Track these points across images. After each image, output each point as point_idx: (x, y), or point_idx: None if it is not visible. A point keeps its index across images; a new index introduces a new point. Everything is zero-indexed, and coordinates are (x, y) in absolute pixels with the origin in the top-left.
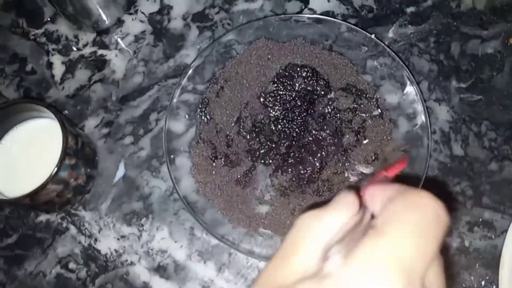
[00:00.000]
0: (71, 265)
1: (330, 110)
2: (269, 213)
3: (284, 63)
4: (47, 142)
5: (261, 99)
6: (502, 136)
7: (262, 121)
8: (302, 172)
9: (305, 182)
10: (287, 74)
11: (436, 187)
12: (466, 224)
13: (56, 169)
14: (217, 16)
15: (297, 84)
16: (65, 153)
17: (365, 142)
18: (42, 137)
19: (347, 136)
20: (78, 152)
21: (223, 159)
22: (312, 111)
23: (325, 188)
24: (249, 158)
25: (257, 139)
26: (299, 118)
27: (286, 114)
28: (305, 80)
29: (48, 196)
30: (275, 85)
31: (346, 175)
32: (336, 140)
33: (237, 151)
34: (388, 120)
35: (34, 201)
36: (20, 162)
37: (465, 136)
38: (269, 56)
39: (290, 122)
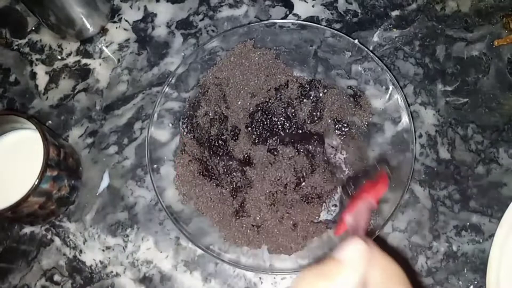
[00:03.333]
0: (56, 277)
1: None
2: (256, 222)
3: (268, 69)
4: (29, 154)
5: (246, 109)
6: (488, 139)
7: (247, 130)
8: (289, 179)
9: (292, 189)
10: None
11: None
12: (454, 229)
13: (37, 181)
14: (202, 23)
15: (281, 94)
16: (46, 165)
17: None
18: (24, 149)
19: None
20: (60, 163)
21: (206, 175)
22: (297, 119)
23: (314, 195)
24: (234, 171)
25: (242, 150)
26: (284, 126)
27: (271, 123)
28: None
29: (31, 209)
30: (260, 94)
31: (334, 180)
32: (322, 147)
33: (220, 165)
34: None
35: (16, 213)
36: (1, 174)
37: (451, 139)
38: (251, 61)
39: (275, 131)
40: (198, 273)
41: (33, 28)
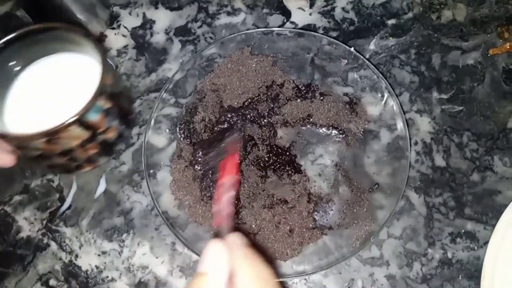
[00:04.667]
0: (52, 282)
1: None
2: (253, 230)
3: (265, 76)
4: (82, 82)
5: (243, 117)
6: (483, 147)
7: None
8: (285, 186)
9: (289, 194)
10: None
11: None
12: (449, 236)
13: (87, 107)
14: (200, 30)
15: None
16: (100, 91)
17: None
18: (76, 74)
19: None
20: (114, 96)
21: (199, 182)
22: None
23: (311, 202)
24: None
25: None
26: (281, 134)
27: (268, 130)
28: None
29: (69, 144)
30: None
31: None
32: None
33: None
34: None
35: (51, 144)
36: (43, 98)
37: (446, 147)
38: (249, 68)
39: (272, 138)
40: None
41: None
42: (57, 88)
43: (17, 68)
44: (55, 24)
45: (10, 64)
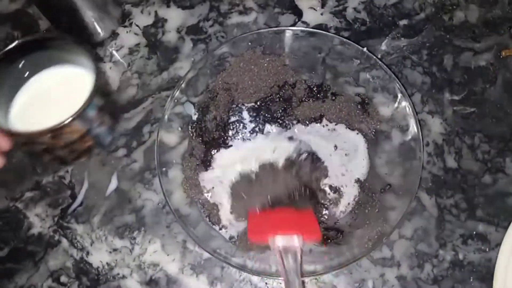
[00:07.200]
0: (63, 279)
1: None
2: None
3: (276, 75)
4: (74, 90)
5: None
6: (495, 149)
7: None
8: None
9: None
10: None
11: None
12: (460, 237)
13: (86, 104)
14: (211, 29)
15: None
16: (96, 90)
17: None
18: (71, 84)
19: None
20: (105, 95)
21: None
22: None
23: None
24: None
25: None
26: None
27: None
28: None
29: (71, 137)
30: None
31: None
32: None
33: None
34: None
35: (56, 139)
36: (45, 104)
37: (458, 148)
38: (261, 67)
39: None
40: (204, 276)
41: (44, 31)
42: (57, 94)
43: (26, 75)
44: (50, 35)
45: (20, 69)
